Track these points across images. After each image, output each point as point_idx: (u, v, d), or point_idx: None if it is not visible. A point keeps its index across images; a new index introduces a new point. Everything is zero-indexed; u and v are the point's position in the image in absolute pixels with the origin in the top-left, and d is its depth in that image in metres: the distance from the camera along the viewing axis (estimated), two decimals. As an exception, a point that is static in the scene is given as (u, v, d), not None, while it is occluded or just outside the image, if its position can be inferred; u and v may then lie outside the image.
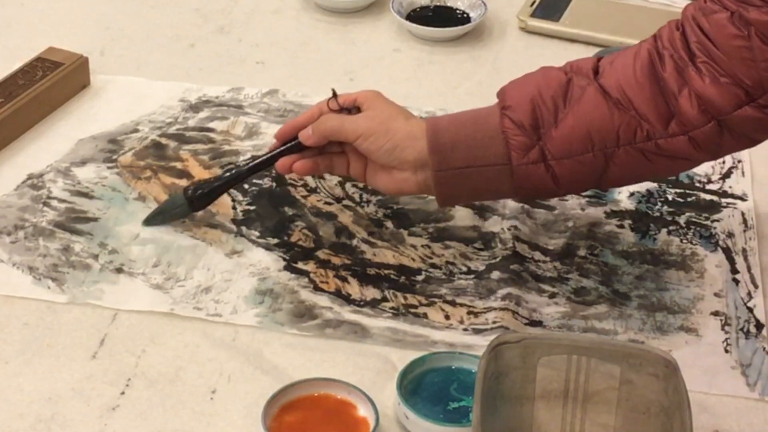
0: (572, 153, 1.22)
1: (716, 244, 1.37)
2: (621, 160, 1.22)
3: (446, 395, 1.16)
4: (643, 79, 1.21)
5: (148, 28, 1.75)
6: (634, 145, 1.22)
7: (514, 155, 1.23)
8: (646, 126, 1.21)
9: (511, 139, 1.23)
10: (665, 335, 1.25)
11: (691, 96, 1.19)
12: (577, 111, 1.22)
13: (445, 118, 1.28)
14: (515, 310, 1.27)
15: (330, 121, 1.29)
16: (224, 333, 1.24)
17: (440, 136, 1.25)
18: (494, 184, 1.25)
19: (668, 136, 1.21)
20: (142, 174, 1.45)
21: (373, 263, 1.33)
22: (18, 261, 1.31)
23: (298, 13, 1.79)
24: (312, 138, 1.30)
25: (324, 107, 1.31)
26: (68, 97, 1.57)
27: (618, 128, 1.21)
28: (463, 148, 1.24)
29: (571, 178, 1.24)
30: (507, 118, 1.23)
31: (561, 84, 1.24)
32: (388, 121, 1.27)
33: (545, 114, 1.23)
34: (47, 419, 1.14)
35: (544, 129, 1.22)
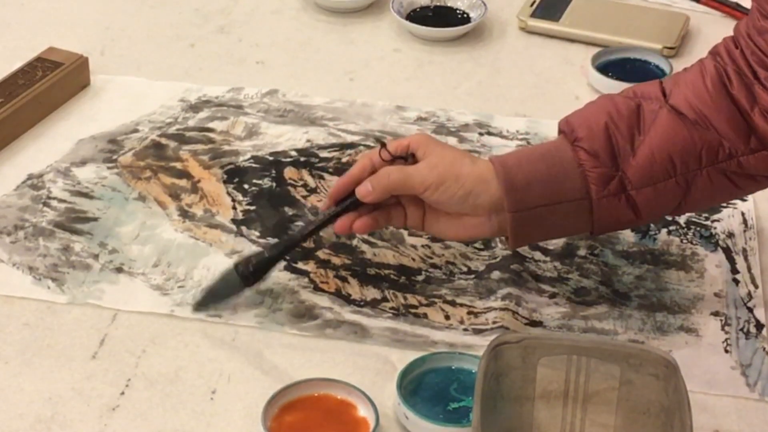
0: (654, 180, 1.18)
1: (716, 244, 1.37)
2: (703, 182, 1.19)
3: (446, 395, 1.16)
4: (716, 95, 1.18)
5: (148, 28, 1.75)
6: (717, 165, 1.18)
7: (593, 188, 1.18)
8: (728, 144, 1.17)
9: (589, 172, 1.18)
10: (665, 335, 1.25)
11: (763, 113, 1.17)
12: (655, 135, 1.18)
13: (511, 156, 1.22)
14: (515, 310, 1.27)
15: (393, 174, 1.21)
16: (224, 333, 1.24)
17: (513, 176, 1.18)
18: (572, 221, 1.21)
19: (750, 153, 1.17)
20: (142, 174, 1.45)
21: (373, 263, 1.33)
22: (18, 261, 1.31)
23: (298, 13, 1.79)
24: (372, 194, 1.22)
25: (375, 158, 1.23)
26: (68, 97, 1.57)
27: (701, 149, 1.17)
28: (539, 186, 1.18)
29: (652, 207, 1.20)
30: (582, 150, 1.18)
31: (631, 110, 1.19)
32: (455, 167, 1.20)
33: (621, 142, 1.18)
34: (47, 419, 1.14)
35: (621, 158, 1.18)
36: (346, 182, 1.24)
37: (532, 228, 1.20)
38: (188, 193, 1.42)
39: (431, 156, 1.21)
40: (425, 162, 1.21)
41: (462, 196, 1.20)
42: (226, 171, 1.46)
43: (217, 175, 1.45)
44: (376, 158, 1.23)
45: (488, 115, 1.57)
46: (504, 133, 1.54)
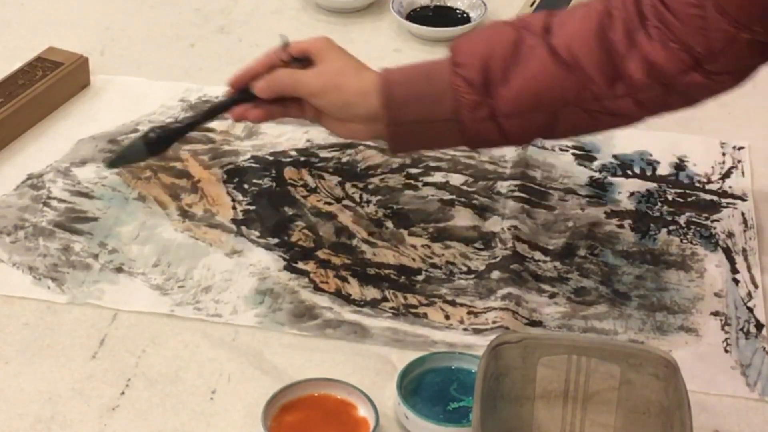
0: (521, 111, 1.24)
1: (716, 244, 1.37)
2: (567, 118, 1.25)
3: (446, 395, 1.16)
4: (592, 40, 1.23)
5: (148, 28, 1.75)
6: (581, 105, 1.24)
7: (464, 112, 1.25)
8: (593, 87, 1.23)
9: (462, 97, 1.24)
10: (665, 335, 1.25)
11: (640, 59, 1.21)
12: (527, 71, 1.23)
13: (398, 71, 1.29)
14: (515, 310, 1.27)
15: (283, 78, 1.31)
16: (224, 333, 1.24)
17: (393, 91, 1.26)
18: (444, 137, 1.29)
19: (614, 97, 1.23)
20: (142, 174, 1.45)
21: (373, 263, 1.33)
22: (18, 261, 1.31)
23: (298, 13, 1.79)
24: (265, 92, 1.31)
25: (275, 56, 1.32)
26: (68, 97, 1.57)
27: (566, 89, 1.23)
28: (415, 103, 1.26)
29: (519, 134, 1.27)
30: (458, 76, 1.25)
31: (511, 42, 1.25)
32: (339, 77, 1.29)
33: (496, 72, 1.24)
34: (47, 419, 1.14)
35: (494, 87, 1.24)
36: (246, 74, 1.33)
37: (408, 141, 1.29)
38: (188, 193, 1.42)
39: (322, 63, 1.31)
40: (315, 69, 1.30)
41: (341, 106, 1.29)
42: (226, 171, 1.46)
43: (217, 175, 1.45)
44: (277, 57, 1.32)
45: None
46: (504, 133, 1.54)
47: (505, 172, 1.47)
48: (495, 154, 1.50)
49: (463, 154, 1.50)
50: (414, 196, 1.43)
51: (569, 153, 1.51)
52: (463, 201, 1.42)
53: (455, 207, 1.41)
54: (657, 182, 1.47)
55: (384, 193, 1.43)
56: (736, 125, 1.57)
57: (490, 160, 1.49)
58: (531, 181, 1.46)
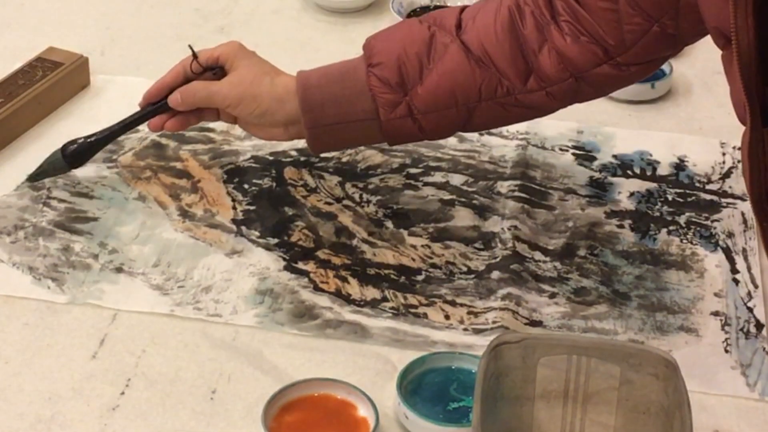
0: (437, 108, 1.29)
1: (716, 244, 1.37)
2: (482, 112, 1.29)
3: (446, 395, 1.15)
4: (503, 36, 1.26)
5: (148, 28, 1.75)
6: (495, 99, 1.28)
7: (381, 111, 1.29)
8: (506, 83, 1.27)
9: (379, 97, 1.29)
10: (665, 335, 1.25)
11: (551, 53, 1.25)
12: (441, 68, 1.28)
13: (314, 74, 1.32)
14: (515, 310, 1.27)
15: (198, 91, 1.34)
16: (224, 333, 1.24)
17: (310, 95, 1.30)
18: (364, 136, 1.33)
19: (527, 91, 1.27)
20: (142, 174, 1.45)
21: (373, 263, 1.33)
22: (18, 261, 1.31)
23: (298, 13, 1.79)
24: (181, 106, 1.35)
25: (187, 67, 1.36)
26: (68, 97, 1.57)
27: (480, 85, 1.28)
28: (333, 106, 1.30)
29: (436, 129, 1.32)
30: (374, 76, 1.29)
31: (424, 40, 1.28)
32: (253, 86, 1.32)
33: (411, 71, 1.28)
34: (47, 419, 1.14)
35: (409, 85, 1.28)
36: (160, 87, 1.37)
37: (328, 140, 1.34)
38: (188, 193, 1.42)
39: (235, 72, 1.34)
40: (228, 79, 1.34)
41: (259, 114, 1.33)
42: (226, 171, 1.46)
43: (217, 175, 1.45)
44: (189, 67, 1.36)
45: (488, 115, 1.57)
46: (504, 133, 1.54)
47: (505, 172, 1.47)
48: (495, 155, 1.50)
49: (463, 154, 1.50)
50: (414, 196, 1.43)
51: (569, 153, 1.51)
52: (463, 201, 1.42)
53: (455, 207, 1.41)
54: (657, 182, 1.47)
55: (384, 193, 1.43)
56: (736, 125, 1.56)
57: (490, 160, 1.49)
58: (531, 181, 1.46)
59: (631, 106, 1.60)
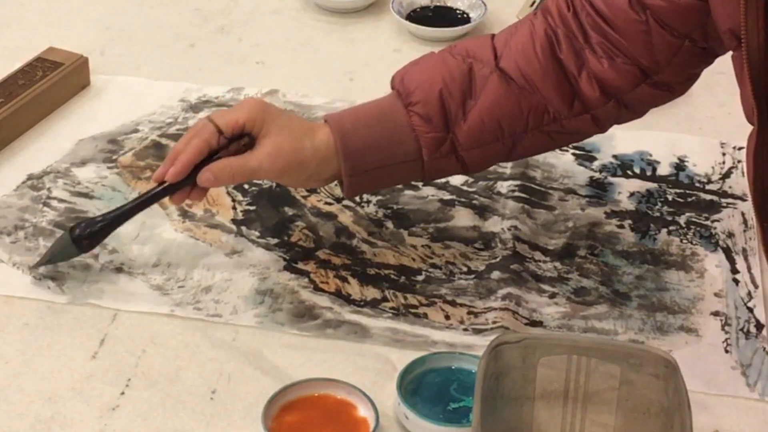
0: (482, 143, 1.25)
1: (716, 244, 1.37)
2: (528, 142, 1.26)
3: (446, 395, 1.15)
4: (545, 61, 1.23)
5: (148, 28, 1.75)
6: (542, 128, 1.25)
7: (425, 151, 1.24)
8: (552, 109, 1.24)
9: (423, 137, 1.24)
10: (665, 335, 1.25)
11: (590, 77, 1.23)
12: (485, 101, 1.23)
13: (348, 118, 1.25)
14: (515, 310, 1.27)
15: (234, 171, 1.22)
16: (224, 333, 1.24)
17: (348, 142, 1.23)
18: (405, 176, 1.29)
19: (573, 116, 1.25)
20: (142, 174, 1.45)
21: (373, 263, 1.33)
22: (18, 261, 1.31)
23: (298, 13, 1.79)
24: (215, 184, 1.23)
25: (211, 140, 1.21)
26: (68, 97, 1.57)
27: (527, 114, 1.24)
28: (375, 151, 1.24)
29: (479, 163, 1.28)
30: (416, 115, 1.24)
31: (463, 73, 1.24)
32: (296, 153, 1.22)
33: (453, 107, 1.24)
34: (47, 419, 1.14)
35: (453, 122, 1.24)
36: (184, 167, 1.21)
37: (367, 185, 1.27)
38: (188, 193, 1.42)
39: (268, 141, 1.21)
40: (265, 151, 1.21)
41: (306, 178, 1.25)
42: (226, 171, 1.46)
43: (217, 175, 1.45)
44: (213, 141, 1.21)
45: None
46: (504, 133, 1.54)
47: (505, 173, 1.47)
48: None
49: (463, 154, 1.50)
50: (414, 197, 1.43)
51: (569, 153, 1.51)
52: (463, 201, 1.42)
53: (455, 207, 1.41)
54: (657, 182, 1.47)
55: (384, 193, 1.43)
56: (736, 125, 1.56)
57: (490, 160, 1.49)
58: (531, 181, 1.46)
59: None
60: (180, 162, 1.22)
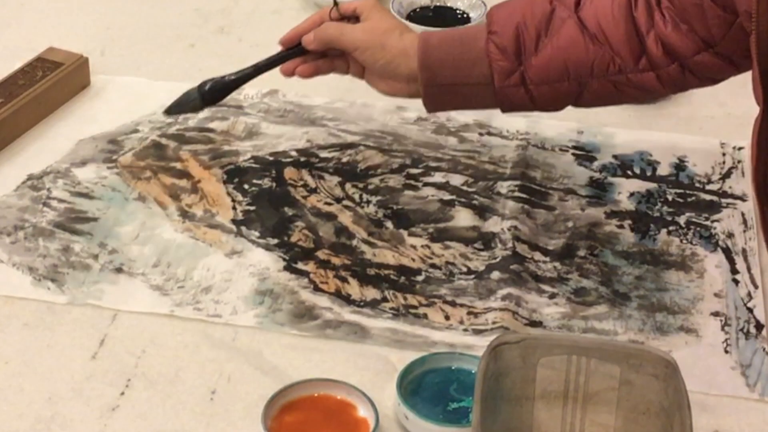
0: (550, 80, 1.31)
1: (716, 245, 1.37)
2: (594, 88, 1.32)
3: (446, 396, 1.15)
4: (619, 16, 1.29)
5: (148, 28, 1.75)
6: (607, 77, 1.31)
7: (496, 78, 1.32)
8: (618, 61, 1.30)
9: (495, 63, 1.31)
10: (665, 336, 1.25)
11: (657, 38, 1.28)
12: (556, 42, 1.31)
13: (436, 35, 1.35)
14: (515, 310, 1.27)
15: (330, 29, 1.37)
16: (224, 333, 1.24)
17: (430, 54, 1.33)
18: (478, 100, 1.35)
19: (638, 71, 1.30)
20: (142, 174, 1.45)
21: (373, 263, 1.33)
22: (18, 261, 1.31)
23: (298, 13, 1.79)
24: (313, 43, 1.38)
25: (325, 14, 1.39)
26: (68, 98, 1.57)
27: (593, 61, 1.30)
28: (451, 67, 1.32)
29: (547, 101, 1.34)
30: (492, 43, 1.31)
31: (545, 13, 1.31)
32: (384, 36, 1.35)
33: (527, 42, 1.31)
34: (47, 419, 1.14)
35: (525, 56, 1.31)
36: (298, 31, 1.40)
37: (443, 101, 1.36)
38: (188, 193, 1.42)
39: (369, 21, 1.37)
40: (361, 26, 1.37)
41: (384, 64, 1.35)
42: (226, 171, 1.46)
43: (217, 176, 1.45)
44: (327, 15, 1.39)
45: (488, 115, 1.57)
46: (504, 133, 1.54)
47: (505, 173, 1.47)
48: (495, 155, 1.50)
49: (463, 155, 1.50)
50: (414, 197, 1.43)
51: (569, 153, 1.51)
52: (463, 201, 1.42)
53: (455, 207, 1.41)
54: (657, 182, 1.47)
55: (384, 193, 1.43)
56: (736, 125, 1.57)
57: (490, 161, 1.49)
58: (531, 181, 1.46)
59: (631, 106, 1.60)
60: (293, 29, 1.40)
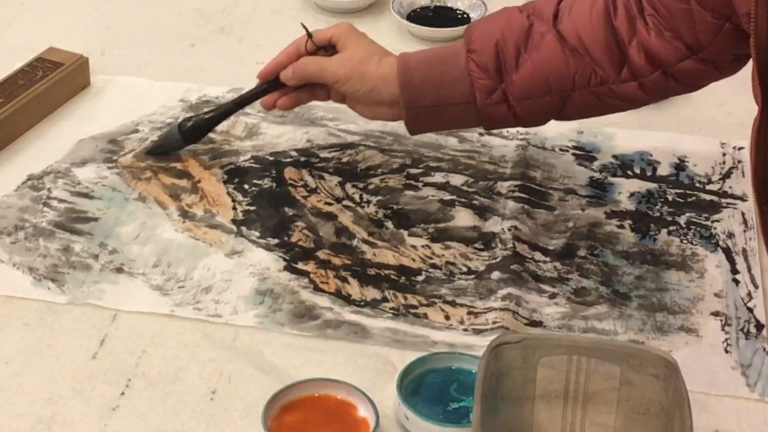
0: (532, 95, 1.31)
1: (716, 245, 1.37)
2: (576, 101, 1.32)
3: (446, 396, 1.15)
4: (598, 26, 1.29)
5: (148, 28, 1.75)
6: (589, 89, 1.31)
7: (478, 96, 1.32)
8: (600, 72, 1.30)
9: (476, 82, 1.32)
10: (665, 336, 1.25)
11: (639, 46, 1.28)
12: (536, 57, 1.30)
13: (415, 57, 1.35)
14: (515, 310, 1.27)
15: (308, 66, 1.38)
16: (224, 333, 1.24)
17: (410, 77, 1.33)
18: (460, 120, 1.36)
19: (620, 81, 1.30)
20: (142, 174, 1.45)
21: (373, 263, 1.33)
22: (18, 261, 1.31)
23: (298, 13, 1.79)
24: (292, 80, 1.39)
25: (301, 46, 1.39)
26: (68, 98, 1.57)
27: (574, 74, 1.30)
28: (432, 88, 1.33)
29: (530, 116, 1.34)
30: (472, 62, 1.32)
31: (523, 29, 1.31)
32: (362, 65, 1.35)
33: (508, 59, 1.31)
34: (47, 419, 1.14)
35: (506, 73, 1.31)
36: (274, 66, 1.41)
37: (426, 122, 1.37)
38: (188, 193, 1.42)
39: (346, 50, 1.38)
40: (339, 56, 1.38)
41: (365, 92, 1.36)
42: (226, 171, 1.46)
43: (217, 176, 1.45)
44: (302, 47, 1.40)
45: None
46: (504, 133, 1.54)
47: (505, 173, 1.47)
48: (495, 155, 1.50)
49: (463, 155, 1.50)
50: (414, 197, 1.43)
51: (569, 153, 1.51)
52: (463, 201, 1.42)
53: (455, 207, 1.41)
54: (657, 182, 1.47)
55: (384, 193, 1.43)
56: (736, 125, 1.57)
57: (490, 161, 1.49)
58: (531, 181, 1.46)
59: (631, 106, 1.60)
60: (271, 63, 1.41)
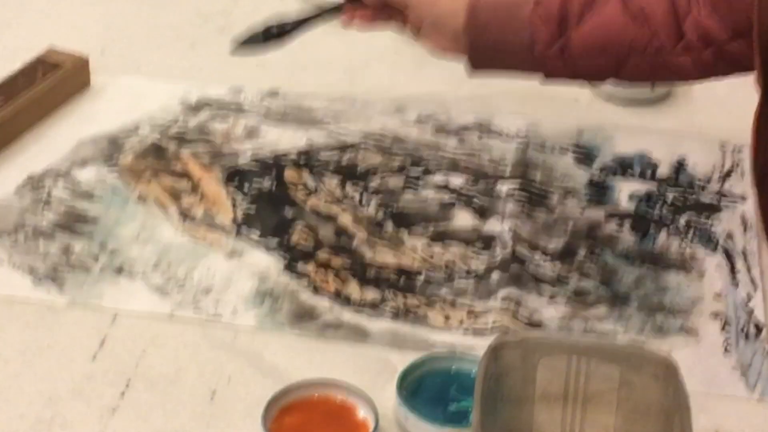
0: (589, 54, 1.34)
1: (716, 245, 1.37)
2: (631, 65, 1.34)
3: (446, 397, 1.15)
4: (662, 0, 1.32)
5: (148, 28, 1.75)
6: (644, 56, 1.33)
7: (537, 47, 1.35)
8: (656, 42, 1.33)
9: (537, 32, 1.34)
10: (665, 336, 1.25)
11: (693, 22, 1.30)
12: (598, 18, 1.33)
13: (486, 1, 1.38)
14: (515, 311, 1.27)
15: None
16: (224, 334, 1.24)
17: (476, 15, 1.36)
18: (518, 66, 1.38)
19: (675, 54, 1.32)
20: (143, 175, 1.45)
21: (373, 264, 1.33)
22: (18, 262, 1.32)
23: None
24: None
25: None
26: (68, 98, 1.57)
27: (631, 40, 1.33)
28: (495, 31, 1.36)
29: (585, 73, 1.38)
30: (538, 11, 1.35)
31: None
32: None
33: (571, 15, 1.34)
34: (47, 420, 1.14)
35: (567, 28, 1.34)
36: None
37: (486, 62, 1.39)
38: (188, 194, 1.42)
39: None
40: None
41: (433, 20, 1.38)
42: (226, 172, 1.46)
43: (217, 177, 1.45)
44: None
45: (489, 115, 1.57)
46: (504, 134, 1.54)
47: (505, 173, 1.47)
48: (495, 155, 1.51)
49: (463, 155, 1.50)
50: (414, 197, 1.43)
51: (569, 154, 1.52)
52: (463, 202, 1.42)
53: (455, 208, 1.41)
54: (657, 183, 1.47)
55: (384, 193, 1.43)
56: (736, 125, 1.57)
57: (490, 161, 1.50)
58: (531, 182, 1.46)
59: (632, 106, 1.60)
60: None
